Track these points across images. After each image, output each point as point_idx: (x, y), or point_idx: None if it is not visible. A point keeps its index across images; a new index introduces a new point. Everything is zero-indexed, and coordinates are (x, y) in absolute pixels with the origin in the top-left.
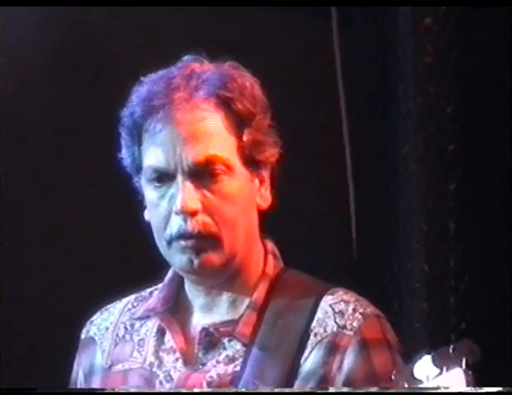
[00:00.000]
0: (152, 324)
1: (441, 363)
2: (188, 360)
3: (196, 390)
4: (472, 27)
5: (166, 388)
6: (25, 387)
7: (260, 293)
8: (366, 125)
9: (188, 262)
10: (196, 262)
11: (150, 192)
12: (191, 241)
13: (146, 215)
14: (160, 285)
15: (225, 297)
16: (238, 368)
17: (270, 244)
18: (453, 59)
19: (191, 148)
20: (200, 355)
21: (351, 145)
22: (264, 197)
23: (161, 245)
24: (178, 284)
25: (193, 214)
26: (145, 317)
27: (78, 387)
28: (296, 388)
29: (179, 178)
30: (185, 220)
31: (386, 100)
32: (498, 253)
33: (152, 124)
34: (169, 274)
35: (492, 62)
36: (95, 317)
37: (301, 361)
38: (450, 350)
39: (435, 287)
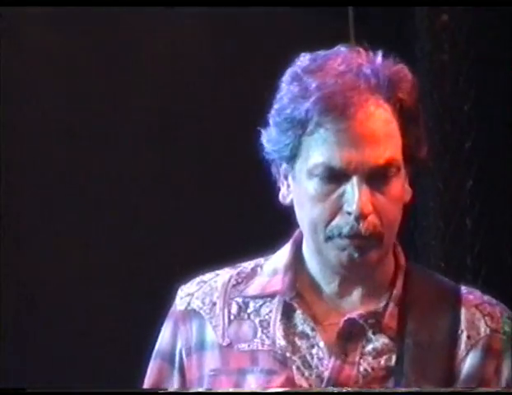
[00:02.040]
0: (275, 306)
1: None
2: (328, 348)
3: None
4: (489, 25)
5: (306, 374)
6: (14, 387)
7: (399, 286)
8: None
9: (347, 260)
10: (358, 260)
11: (312, 186)
12: (357, 241)
13: (284, 198)
14: (265, 263)
15: (361, 287)
16: (391, 363)
17: None
18: (470, 57)
19: (372, 151)
20: (342, 344)
21: None
22: (408, 190)
23: (315, 238)
24: (301, 266)
25: (367, 216)
26: (265, 297)
27: (176, 360)
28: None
29: (355, 179)
30: (358, 222)
31: None
32: None
33: (331, 122)
34: (289, 255)
35: (508, 60)
36: (192, 289)
37: (456, 362)
38: None
39: None
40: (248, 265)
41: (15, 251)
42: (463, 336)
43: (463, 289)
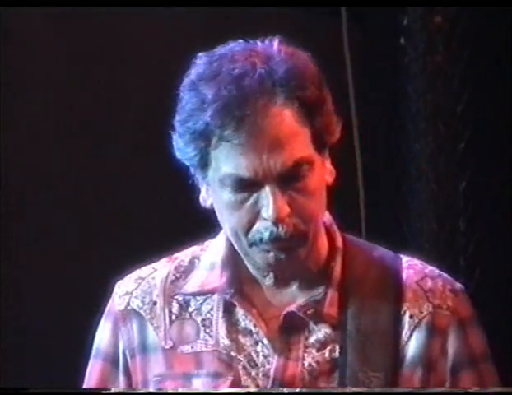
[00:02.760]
0: (216, 303)
1: None
2: (272, 344)
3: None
4: (483, 26)
5: (252, 374)
6: (16, 387)
7: (337, 270)
8: (377, 124)
9: (274, 261)
10: (284, 260)
11: (226, 195)
12: (279, 243)
13: (204, 201)
14: (202, 254)
15: (297, 277)
16: (336, 354)
17: (327, 214)
18: (464, 58)
19: (277, 156)
20: (284, 339)
21: (361, 144)
22: (328, 170)
23: (239, 244)
24: (238, 259)
25: (284, 219)
26: (205, 293)
27: (120, 362)
28: (404, 375)
29: (267, 186)
30: (276, 226)
31: (396, 99)
32: (509, 252)
33: (231, 135)
34: (225, 248)
35: (503, 62)
36: (130, 287)
37: (401, 346)
38: None
39: None
40: (185, 257)
41: (15, 251)
42: (406, 317)
43: (405, 262)
